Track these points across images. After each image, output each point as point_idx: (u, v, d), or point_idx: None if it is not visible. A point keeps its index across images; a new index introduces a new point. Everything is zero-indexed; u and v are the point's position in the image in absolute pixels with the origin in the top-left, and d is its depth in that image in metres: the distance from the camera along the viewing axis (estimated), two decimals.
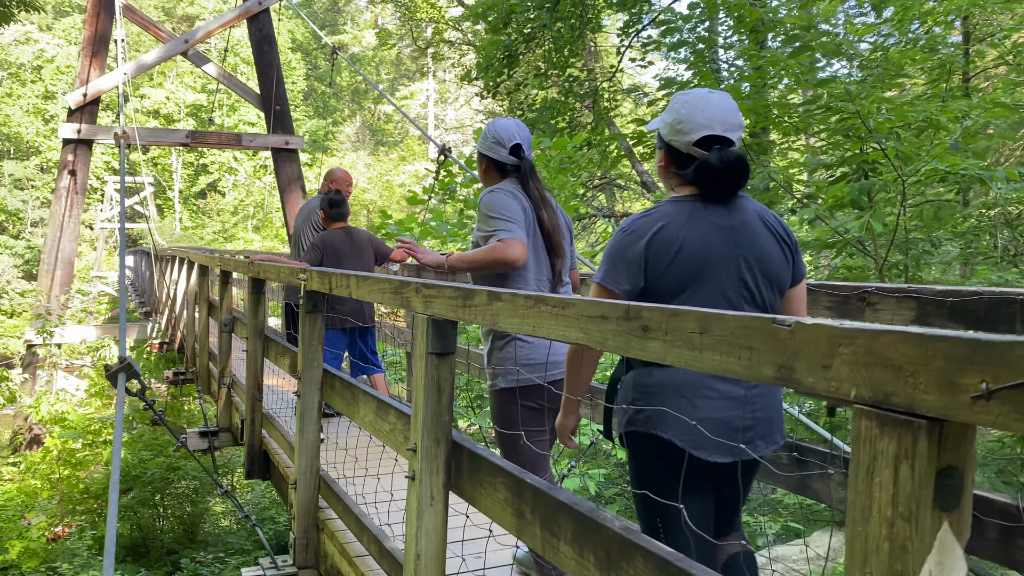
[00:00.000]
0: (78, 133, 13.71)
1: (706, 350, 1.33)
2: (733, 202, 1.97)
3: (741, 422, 1.92)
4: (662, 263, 1.90)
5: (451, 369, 2.51)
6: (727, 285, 1.92)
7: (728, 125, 1.94)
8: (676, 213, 1.94)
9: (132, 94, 53.25)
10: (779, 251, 1.99)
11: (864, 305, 2.31)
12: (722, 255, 1.92)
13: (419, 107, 48.44)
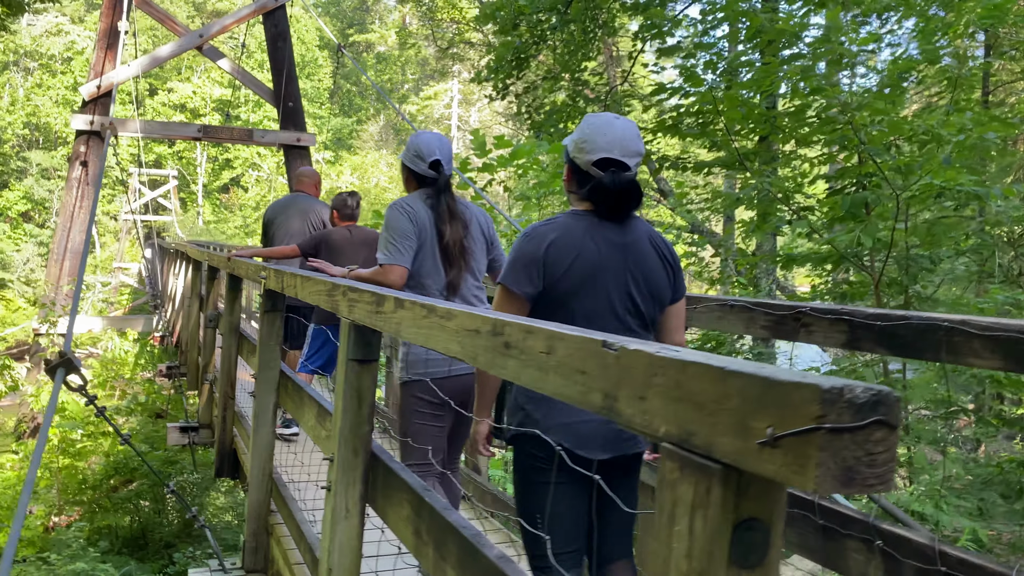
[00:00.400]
0: (91, 124, 13.80)
1: (551, 372, 1.23)
2: (626, 222, 2.13)
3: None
4: (559, 269, 2.05)
5: (373, 377, 2.42)
6: (614, 296, 2.08)
7: (627, 151, 2.09)
8: (574, 225, 2.10)
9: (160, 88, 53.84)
10: (663, 270, 2.15)
11: (799, 326, 2.19)
12: (613, 268, 2.08)
13: (443, 108, 48.54)
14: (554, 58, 12.02)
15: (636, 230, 2.15)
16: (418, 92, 51.03)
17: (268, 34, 15.27)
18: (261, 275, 3.91)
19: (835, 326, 2.07)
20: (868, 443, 0.77)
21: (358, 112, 56.02)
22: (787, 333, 2.22)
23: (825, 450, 0.74)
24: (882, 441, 0.77)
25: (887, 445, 0.77)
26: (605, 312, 2.07)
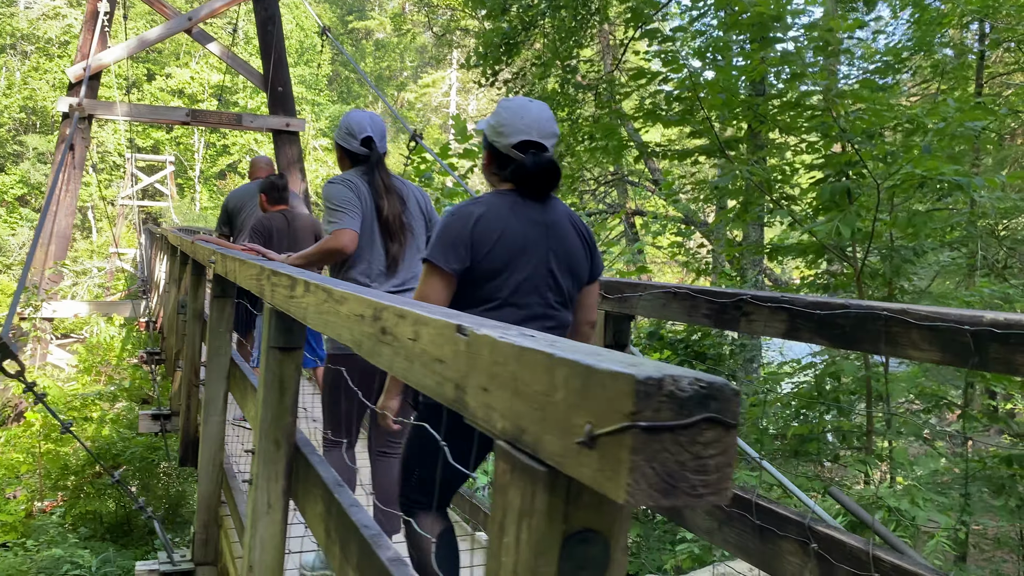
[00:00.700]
0: (77, 107, 13.65)
1: (415, 361, 1.11)
2: (547, 202, 2.23)
3: None
4: (486, 245, 2.12)
5: (297, 366, 2.31)
6: (537, 273, 2.16)
7: (544, 133, 2.19)
8: (500, 203, 2.18)
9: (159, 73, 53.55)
10: (582, 249, 2.25)
11: (739, 315, 2.07)
12: (536, 247, 2.16)
13: (441, 96, 48.31)
14: (544, 44, 11.86)
15: (556, 210, 2.25)
16: (417, 79, 50.78)
17: (258, 17, 15.08)
18: (211, 259, 3.79)
19: (775, 315, 1.95)
20: (696, 445, 0.65)
21: (356, 99, 55.74)
22: (729, 322, 2.11)
23: (639, 453, 0.62)
24: (714, 443, 0.65)
25: (721, 448, 0.66)
26: (529, 288, 2.15)
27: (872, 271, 6.33)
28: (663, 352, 8.75)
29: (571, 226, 2.25)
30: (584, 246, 2.26)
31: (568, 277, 2.21)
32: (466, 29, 22.94)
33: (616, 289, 2.58)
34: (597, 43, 19.87)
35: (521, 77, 12.10)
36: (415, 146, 6.85)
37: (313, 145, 47.13)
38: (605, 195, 19.75)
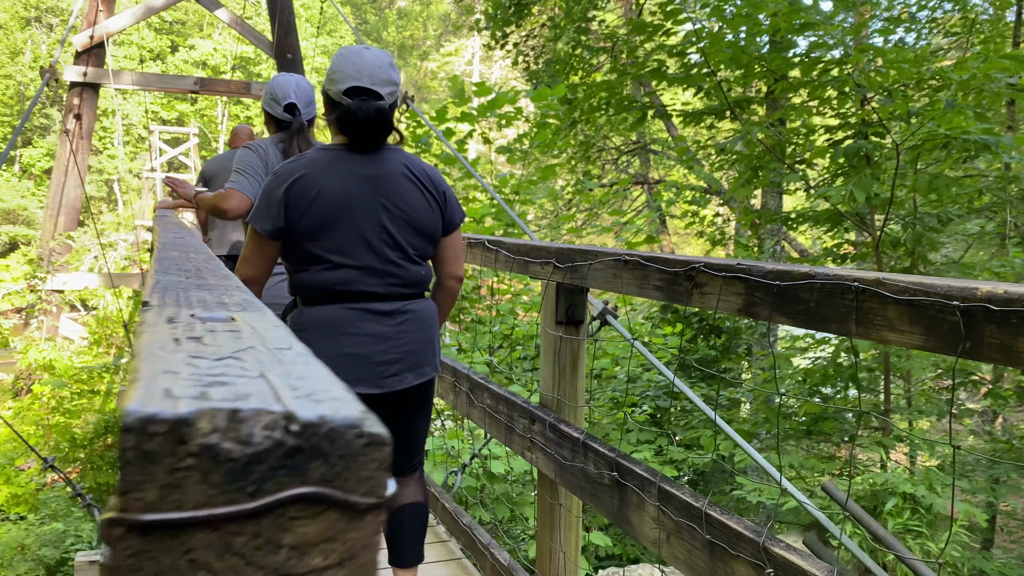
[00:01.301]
0: (84, 76, 13.43)
1: None
2: (379, 154, 2.13)
3: (384, 356, 2.12)
4: (300, 207, 2.04)
5: None
6: (366, 229, 2.08)
7: (377, 80, 2.06)
8: (320, 160, 2.08)
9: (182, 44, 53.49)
10: (423, 200, 2.14)
11: (692, 286, 1.72)
12: (361, 202, 2.07)
13: (464, 64, 47.68)
14: (557, 5, 11.38)
15: (388, 161, 2.13)
16: (439, 48, 50.16)
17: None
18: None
19: (730, 287, 1.60)
20: (276, 554, 0.33)
21: None
22: (680, 295, 1.76)
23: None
24: (321, 545, 0.33)
25: (345, 551, 0.33)
26: (357, 245, 2.08)
27: (895, 240, 5.90)
28: (676, 326, 8.38)
29: (407, 177, 2.14)
30: (426, 196, 2.16)
31: (408, 231, 2.13)
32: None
33: (567, 257, 2.23)
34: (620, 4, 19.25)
35: (532, 38, 11.64)
36: (406, 109, 6.50)
37: None
38: (628, 164, 19.26)
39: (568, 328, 2.30)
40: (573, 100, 10.63)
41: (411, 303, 2.18)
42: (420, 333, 2.19)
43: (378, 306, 2.11)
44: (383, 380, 2.12)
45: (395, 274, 2.12)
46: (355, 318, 2.09)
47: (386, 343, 2.12)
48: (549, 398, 2.33)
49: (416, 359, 2.18)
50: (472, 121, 7.18)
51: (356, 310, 2.09)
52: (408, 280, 2.15)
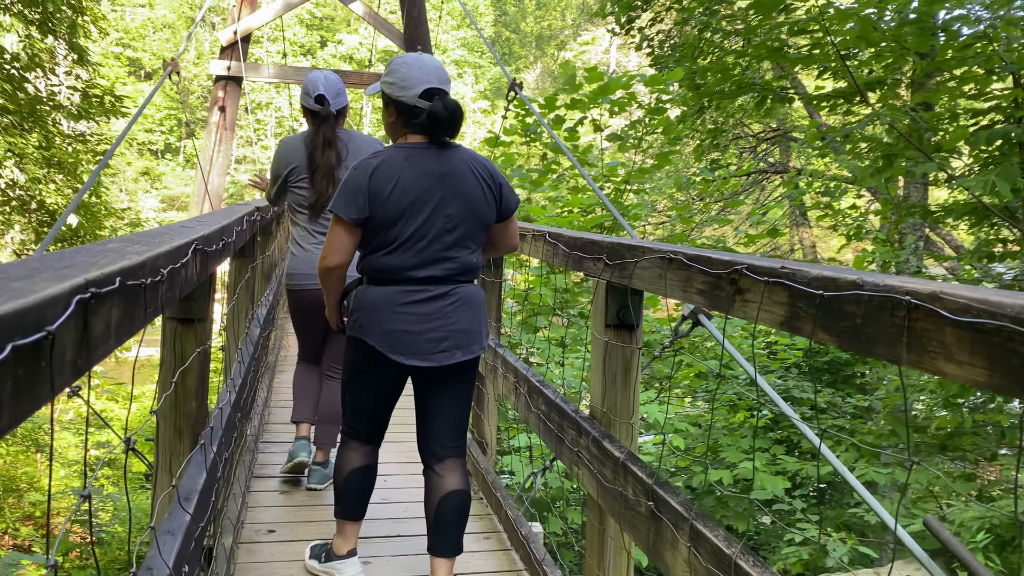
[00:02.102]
0: (228, 70, 14.12)
1: None
2: (447, 151, 2.35)
3: (435, 333, 2.33)
4: (380, 197, 2.27)
5: (200, 341, 1.92)
6: (434, 219, 2.30)
7: (443, 80, 2.34)
8: (395, 156, 2.31)
9: (330, 39, 55.71)
10: (481, 192, 2.36)
11: (734, 291, 1.46)
12: (430, 193, 2.29)
13: (601, 53, 47.12)
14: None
15: (454, 158, 2.36)
16: (576, 37, 49.80)
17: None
18: None
19: (772, 294, 1.33)
20: None
21: (518, 60, 55.55)
22: (723, 302, 1.50)
23: None
24: None
25: None
26: (424, 233, 2.29)
27: None
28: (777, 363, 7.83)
29: (470, 172, 2.35)
30: (485, 189, 2.37)
31: (471, 220, 2.35)
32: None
33: (617, 253, 2.00)
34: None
35: (659, 22, 11.22)
36: (514, 97, 6.34)
37: (472, 108, 47.46)
38: (767, 152, 18.35)
39: (619, 333, 2.07)
40: (701, 85, 10.16)
41: (462, 287, 2.38)
42: (469, 314, 2.39)
43: (432, 288, 2.33)
44: (433, 355, 2.34)
45: (452, 259, 2.34)
46: (410, 298, 2.33)
47: (437, 322, 2.34)
48: (598, 410, 2.11)
49: (464, 338, 2.38)
50: (583, 108, 6.94)
51: (413, 291, 2.33)
52: (462, 266, 2.36)
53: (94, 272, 0.86)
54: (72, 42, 10.14)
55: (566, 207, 7.35)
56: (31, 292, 0.70)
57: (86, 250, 1.07)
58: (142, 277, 1.06)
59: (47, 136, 9.51)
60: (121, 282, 0.95)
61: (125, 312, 0.99)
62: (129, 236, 1.36)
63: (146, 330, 1.31)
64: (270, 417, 4.46)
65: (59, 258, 0.96)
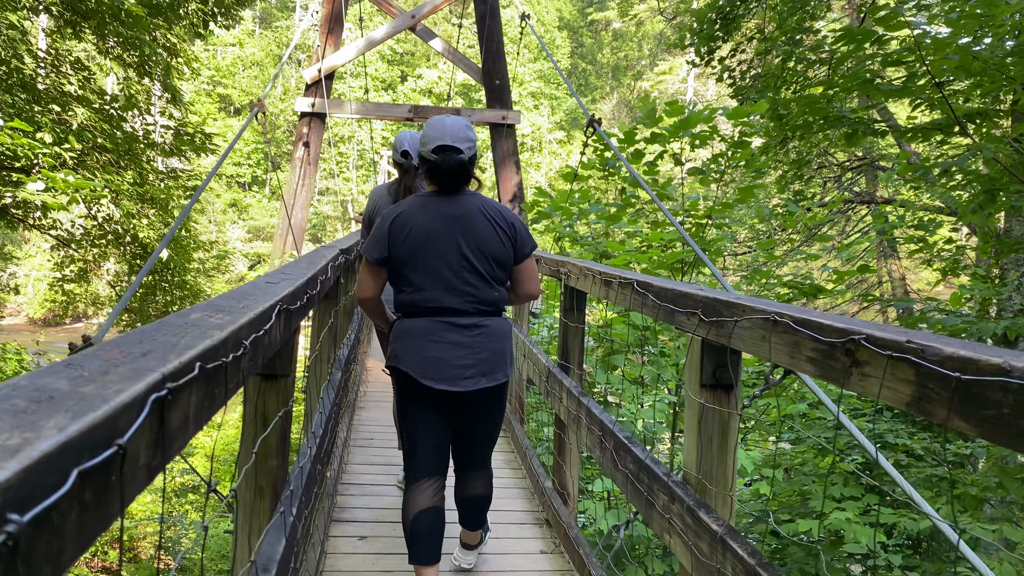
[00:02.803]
0: (312, 107, 14.52)
1: None
2: (460, 198, 2.66)
3: (461, 361, 2.59)
4: (399, 239, 2.61)
5: (284, 399, 1.89)
6: (449, 257, 2.60)
7: (456, 138, 2.60)
8: (414, 204, 2.66)
9: (410, 74, 56.94)
10: (494, 233, 2.63)
11: (850, 363, 1.33)
12: (443, 235, 2.60)
13: (678, 83, 46.83)
14: (767, 16, 10.71)
15: (467, 204, 2.66)
16: (654, 67, 49.64)
17: (478, 12, 15.18)
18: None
19: (897, 371, 1.20)
20: None
21: (593, 91, 55.70)
22: (837, 374, 1.37)
23: None
24: None
25: None
26: (442, 268, 2.60)
27: None
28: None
29: (482, 216, 2.64)
30: (497, 231, 2.64)
31: (483, 258, 2.62)
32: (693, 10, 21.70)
33: (713, 309, 1.88)
34: (847, 12, 17.89)
35: (740, 52, 11.02)
36: (592, 133, 6.28)
37: (548, 139, 47.69)
38: (852, 182, 17.79)
39: (716, 394, 1.94)
40: (785, 116, 9.92)
41: (486, 319, 2.65)
42: (493, 344, 2.66)
43: (458, 320, 2.61)
44: (460, 381, 2.60)
45: (472, 294, 2.61)
46: (439, 328, 2.61)
47: (463, 350, 2.61)
48: (692, 476, 1.99)
49: (489, 365, 2.65)
50: (663, 142, 6.82)
51: (440, 322, 2.61)
52: (484, 299, 2.64)
53: (172, 362, 0.81)
54: (166, 83, 10.57)
55: (645, 242, 7.21)
56: (102, 401, 0.64)
57: (167, 326, 1.03)
58: (224, 356, 1.01)
59: (141, 173, 9.89)
60: (201, 367, 0.89)
61: (205, 395, 0.94)
62: (212, 301, 1.32)
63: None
64: (350, 458, 4.45)
65: (139, 340, 0.91)
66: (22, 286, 34.16)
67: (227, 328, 1.05)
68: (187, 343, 0.92)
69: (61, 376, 0.70)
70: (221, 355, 0.99)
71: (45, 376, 0.69)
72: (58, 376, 0.70)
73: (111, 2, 8.17)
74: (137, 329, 0.99)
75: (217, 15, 12.41)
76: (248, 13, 57.88)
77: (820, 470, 6.81)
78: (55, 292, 13.65)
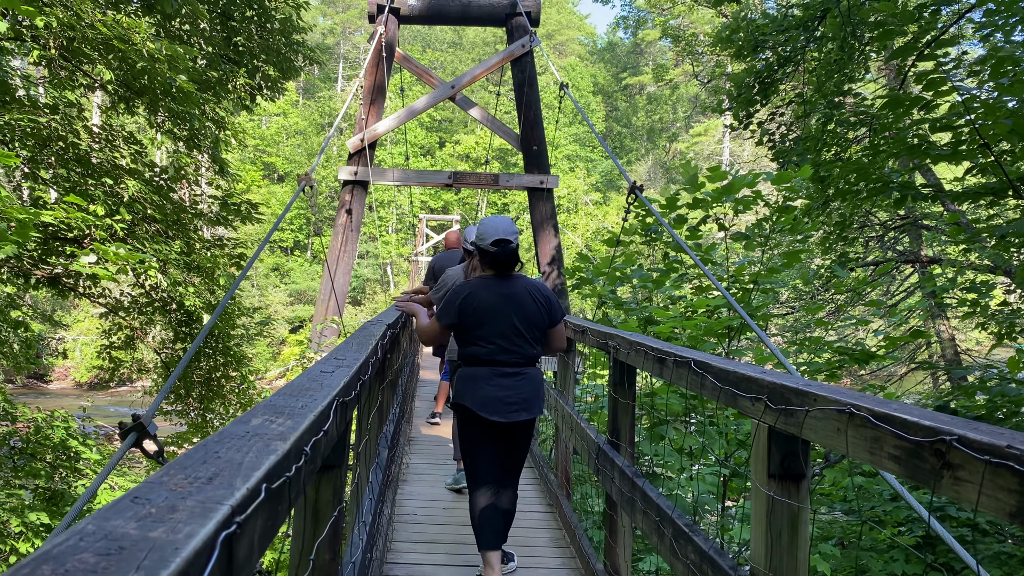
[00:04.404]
0: (354, 175, 14.80)
1: None
2: (511, 279, 3.58)
3: (509, 399, 3.50)
4: (468, 311, 3.52)
5: (336, 490, 1.83)
6: (504, 325, 3.51)
7: (508, 232, 3.54)
8: (480, 283, 3.58)
9: (448, 140, 58.06)
10: (536, 307, 3.55)
11: (940, 465, 1.25)
12: (501, 309, 3.51)
13: (714, 144, 47.04)
14: (805, 80, 10.73)
15: (516, 284, 3.57)
16: (688, 129, 49.96)
17: (515, 80, 15.46)
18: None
19: (997, 478, 1.12)
20: None
21: (628, 153, 56.17)
22: (926, 475, 1.28)
23: None
24: None
25: None
26: (497, 333, 3.48)
27: None
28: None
29: (527, 294, 3.56)
30: (538, 307, 3.57)
31: (528, 326, 3.54)
32: (729, 74, 21.89)
33: (780, 396, 1.80)
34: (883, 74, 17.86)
35: (778, 116, 11.02)
36: (635, 200, 6.27)
37: (584, 200, 48.01)
38: (895, 241, 17.52)
39: (784, 484, 1.85)
40: (826, 178, 9.85)
41: (526, 368, 3.58)
42: (531, 387, 3.57)
43: (506, 369, 3.52)
44: (508, 414, 3.50)
45: (518, 352, 3.53)
46: (492, 375, 3.51)
47: (510, 391, 3.50)
48: (760, 572, 1.88)
49: (528, 403, 3.55)
50: (706, 208, 6.78)
51: (496, 370, 3.51)
52: (526, 355, 3.55)
53: (239, 490, 0.77)
54: (214, 155, 10.86)
55: (690, 308, 7.11)
56: (173, 552, 0.60)
57: (230, 438, 0.99)
58: (287, 470, 0.96)
59: (188, 242, 10.09)
60: (267, 488, 0.85)
61: (270, 516, 0.90)
62: (271, 401, 1.29)
63: None
64: (394, 535, 4.35)
65: (203, 459, 0.87)
66: (70, 350, 34.85)
67: (290, 438, 1.01)
68: (252, 461, 0.88)
69: (128, 516, 0.66)
70: (284, 470, 0.95)
71: (112, 518, 0.65)
72: (125, 517, 0.66)
73: (163, 79, 8.45)
74: (200, 444, 0.96)
75: (264, 88, 12.81)
76: (292, 84, 59.81)
77: (879, 544, 6.53)
78: (102, 359, 13.87)
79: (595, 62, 66.65)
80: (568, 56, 65.35)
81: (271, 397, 1.34)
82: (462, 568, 3.90)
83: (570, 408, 4.66)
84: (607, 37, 72.98)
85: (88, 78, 9.33)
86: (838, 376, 6.66)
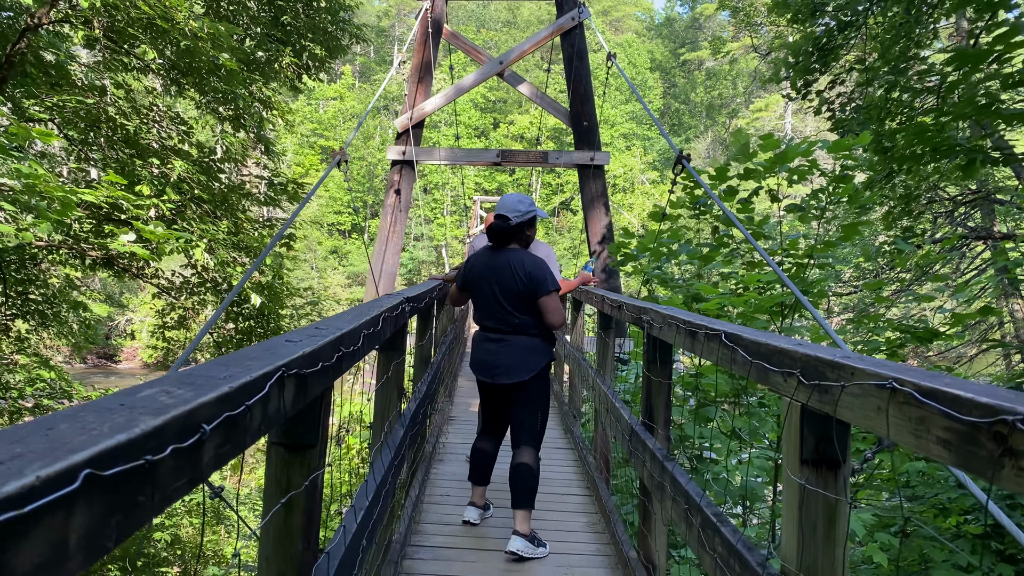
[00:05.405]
0: (403, 154, 14.71)
1: None
2: (504, 252, 3.95)
3: (493, 362, 3.92)
4: (468, 277, 4.01)
5: (311, 473, 1.66)
6: (487, 292, 3.92)
7: (508, 210, 3.94)
8: (480, 254, 4.04)
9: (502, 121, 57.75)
10: (512, 279, 3.87)
11: (1000, 451, 1.00)
12: (485, 277, 3.94)
13: (776, 119, 45.81)
14: (868, 46, 10.18)
15: (505, 256, 3.92)
16: (748, 104, 48.73)
17: (565, 54, 15.13)
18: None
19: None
20: None
21: (687, 130, 55.09)
22: (982, 463, 1.04)
23: None
24: None
25: None
26: (488, 299, 3.92)
27: None
28: None
29: (508, 266, 3.86)
30: (516, 278, 3.84)
31: (507, 296, 3.87)
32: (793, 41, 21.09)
33: (814, 370, 1.56)
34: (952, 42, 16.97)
35: (839, 84, 10.49)
36: (681, 170, 5.96)
37: (641, 180, 47.29)
38: (966, 217, 16.73)
39: (819, 472, 1.61)
40: (890, 148, 9.33)
41: (515, 336, 3.87)
42: (513, 354, 3.86)
43: (491, 335, 3.92)
44: (493, 376, 3.89)
45: (503, 319, 3.88)
46: (482, 339, 3.96)
47: (493, 356, 3.89)
48: (791, 571, 1.64)
49: (509, 368, 3.85)
50: (758, 178, 6.43)
51: (485, 335, 3.94)
52: (510, 323, 3.87)
53: (25, 479, 0.59)
54: (260, 135, 10.84)
55: (740, 284, 6.79)
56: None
57: (95, 410, 0.81)
58: (149, 452, 0.78)
59: (236, 223, 10.10)
60: (90, 476, 0.67)
61: (107, 509, 0.71)
62: (191, 370, 1.11)
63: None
64: (421, 517, 4.21)
65: (33, 430, 0.69)
66: (137, 331, 35.86)
67: (169, 412, 0.82)
68: (84, 441, 0.69)
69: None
70: (144, 451, 0.76)
71: None
72: None
73: (207, 59, 8.42)
74: (60, 412, 0.78)
75: (311, 67, 12.75)
76: (349, 68, 60.15)
77: (943, 532, 6.15)
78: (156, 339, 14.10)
79: (652, 38, 65.42)
80: (625, 32, 64.29)
81: (199, 366, 1.16)
82: (488, 552, 3.73)
83: (606, 388, 4.43)
84: (664, 12, 71.62)
85: (136, 59, 9.37)
86: (900, 356, 6.28)
